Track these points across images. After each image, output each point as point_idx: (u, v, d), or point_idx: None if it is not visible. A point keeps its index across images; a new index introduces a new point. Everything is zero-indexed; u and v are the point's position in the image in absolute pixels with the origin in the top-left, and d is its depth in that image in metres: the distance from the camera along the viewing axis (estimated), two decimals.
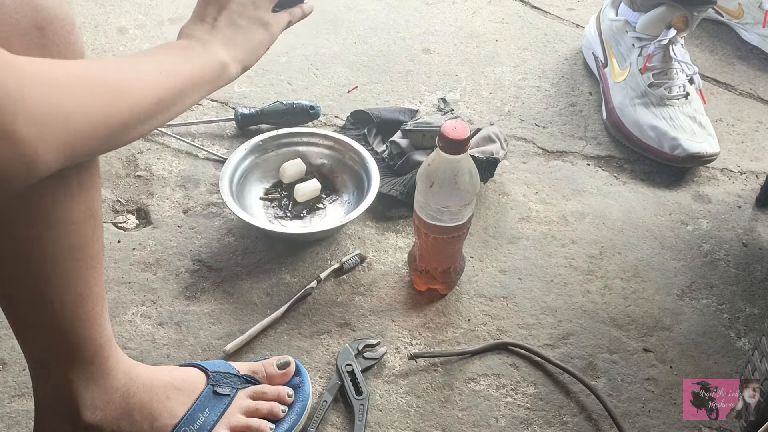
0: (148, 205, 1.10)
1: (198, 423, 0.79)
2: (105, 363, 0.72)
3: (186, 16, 0.73)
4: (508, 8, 1.55)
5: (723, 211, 1.16)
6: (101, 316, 0.71)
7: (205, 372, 0.83)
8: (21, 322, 0.69)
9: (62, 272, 0.65)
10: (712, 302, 1.03)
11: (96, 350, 0.71)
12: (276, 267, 1.03)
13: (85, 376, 0.71)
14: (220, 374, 0.83)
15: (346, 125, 1.22)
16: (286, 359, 0.87)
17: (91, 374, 0.72)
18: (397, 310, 0.99)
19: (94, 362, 0.71)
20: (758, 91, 1.39)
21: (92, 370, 0.72)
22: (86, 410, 0.72)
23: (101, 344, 0.71)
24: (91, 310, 0.69)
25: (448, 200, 0.89)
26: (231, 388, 0.83)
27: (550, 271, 1.05)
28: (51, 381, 0.72)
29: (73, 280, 0.66)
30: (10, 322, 0.69)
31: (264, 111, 1.21)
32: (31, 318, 0.68)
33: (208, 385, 0.82)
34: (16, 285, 0.65)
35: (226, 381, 0.83)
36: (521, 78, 1.38)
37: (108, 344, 0.73)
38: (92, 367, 0.71)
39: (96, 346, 0.71)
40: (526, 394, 0.91)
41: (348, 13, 1.51)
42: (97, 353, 0.71)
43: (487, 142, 1.13)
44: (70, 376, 0.70)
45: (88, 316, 0.69)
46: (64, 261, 0.65)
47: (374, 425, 0.87)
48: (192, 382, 0.81)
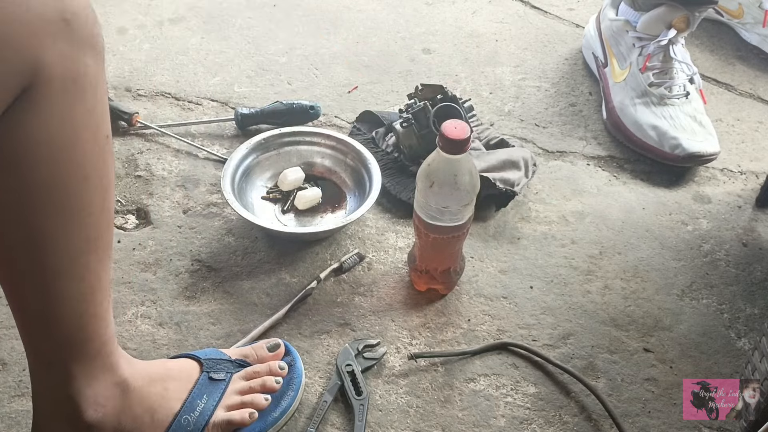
0: (148, 205, 1.10)
1: (198, 410, 0.79)
2: (108, 359, 0.73)
3: (186, 16, 0.73)
4: (508, 8, 1.55)
5: (723, 211, 1.16)
6: (108, 311, 0.71)
7: (198, 360, 0.84)
8: (29, 318, 0.69)
9: (77, 265, 0.66)
10: (712, 302, 1.03)
11: (100, 346, 0.72)
12: (276, 267, 1.03)
13: (88, 372, 0.71)
14: (213, 361, 0.84)
15: (353, 131, 1.20)
16: (276, 341, 0.89)
17: (94, 370, 0.72)
18: (397, 310, 0.99)
19: (98, 358, 0.72)
20: (758, 91, 1.39)
21: (95, 366, 0.72)
22: (88, 408, 0.72)
23: (105, 340, 0.72)
24: (99, 305, 0.69)
25: (448, 200, 0.89)
26: (225, 373, 0.84)
27: (550, 271, 1.05)
28: (53, 381, 0.71)
29: (86, 274, 0.67)
30: (17, 317, 0.69)
31: (264, 111, 1.21)
32: (40, 312, 0.68)
33: (203, 372, 0.83)
34: (30, 279, 0.65)
35: (220, 367, 0.84)
36: (521, 78, 1.38)
37: (111, 340, 0.73)
38: (96, 363, 0.72)
39: (101, 341, 0.71)
40: (526, 394, 0.91)
41: (348, 13, 1.51)
42: (101, 349, 0.72)
43: (512, 167, 1.11)
44: (74, 372, 0.71)
45: (96, 311, 0.69)
46: (80, 254, 0.66)
47: (374, 425, 0.87)
48: (187, 372, 0.82)
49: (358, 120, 1.22)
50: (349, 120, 1.26)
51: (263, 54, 1.37)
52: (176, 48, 1.38)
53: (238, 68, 1.34)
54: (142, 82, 1.30)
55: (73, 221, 0.64)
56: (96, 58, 0.62)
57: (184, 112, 1.26)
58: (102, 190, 0.65)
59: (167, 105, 1.27)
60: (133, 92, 1.29)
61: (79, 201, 0.63)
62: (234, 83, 1.32)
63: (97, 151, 0.64)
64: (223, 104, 1.28)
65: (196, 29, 1.42)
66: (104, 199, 0.66)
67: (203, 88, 1.30)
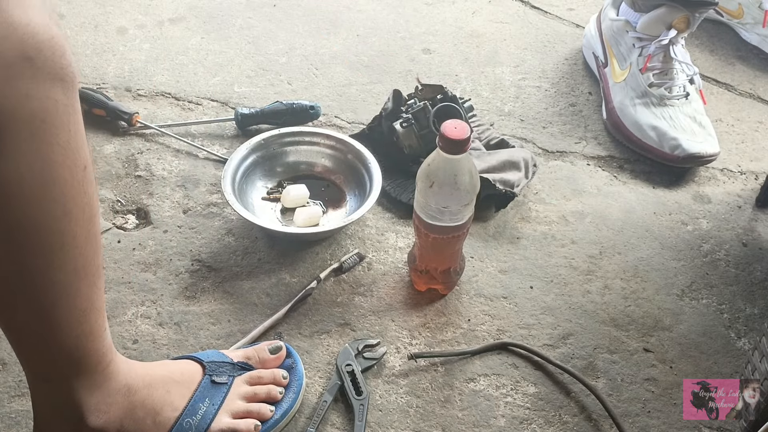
0: (148, 205, 1.10)
1: (200, 413, 0.79)
2: (107, 369, 0.73)
3: (186, 16, 0.73)
4: (508, 8, 1.55)
5: (723, 211, 1.16)
6: (102, 327, 0.71)
7: (200, 363, 0.84)
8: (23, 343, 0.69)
9: (67, 294, 0.65)
10: (712, 302, 1.03)
11: (98, 359, 0.71)
12: (276, 267, 1.03)
13: (89, 384, 0.71)
14: (215, 364, 0.84)
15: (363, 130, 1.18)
16: (278, 344, 0.89)
17: (94, 381, 0.72)
18: (397, 310, 0.99)
19: (97, 370, 0.72)
20: (758, 91, 1.39)
21: (95, 378, 0.72)
22: (90, 415, 0.72)
23: (103, 353, 0.72)
24: (93, 324, 0.69)
25: (448, 200, 0.89)
26: (228, 376, 0.84)
27: (550, 271, 1.05)
28: (54, 393, 0.72)
29: (78, 300, 0.66)
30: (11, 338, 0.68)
31: (264, 111, 1.21)
32: (34, 339, 0.68)
33: (205, 375, 0.82)
34: (23, 309, 0.65)
35: (222, 370, 0.84)
36: (521, 78, 1.38)
37: (109, 351, 0.73)
38: (95, 374, 0.72)
39: (98, 355, 0.71)
40: (526, 394, 0.91)
41: (348, 13, 1.51)
42: (99, 361, 0.72)
43: (512, 168, 1.11)
44: (74, 385, 0.71)
45: (91, 330, 0.69)
46: (69, 284, 0.65)
47: (374, 425, 0.87)
48: (189, 374, 0.82)
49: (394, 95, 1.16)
50: (349, 120, 1.26)
51: (263, 54, 1.37)
52: (176, 48, 1.38)
53: (238, 68, 1.34)
54: (142, 82, 1.30)
55: (58, 256, 0.63)
56: (66, 90, 0.58)
57: (184, 112, 1.26)
58: (85, 221, 0.63)
59: (167, 105, 1.27)
60: (133, 92, 1.29)
61: (61, 237, 0.62)
62: (234, 83, 1.32)
63: (76, 185, 0.61)
64: (223, 104, 1.28)
65: (196, 29, 1.42)
66: (88, 229, 0.64)
67: (203, 88, 1.30)
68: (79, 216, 0.63)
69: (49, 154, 0.58)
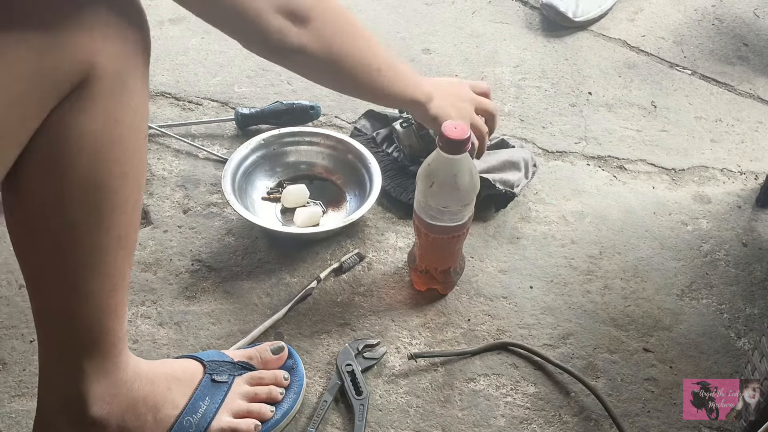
0: (148, 205, 1.10)
1: (200, 411, 0.80)
2: (118, 357, 0.73)
3: (186, 16, 0.74)
4: (508, 8, 1.55)
5: (723, 211, 1.16)
6: (124, 309, 0.72)
7: (201, 362, 0.84)
8: (48, 307, 0.69)
9: (104, 262, 0.67)
10: (712, 302, 1.03)
11: (113, 343, 0.72)
12: (276, 267, 1.03)
13: (98, 369, 0.72)
14: (216, 363, 0.84)
15: (353, 132, 1.20)
16: (279, 344, 0.89)
17: (104, 367, 0.72)
18: (397, 310, 0.99)
19: (110, 355, 0.72)
20: (758, 91, 1.39)
21: (105, 363, 0.72)
22: (94, 404, 0.73)
23: (120, 337, 0.72)
24: (119, 302, 0.70)
25: (448, 200, 0.89)
26: (228, 375, 0.84)
27: (550, 271, 1.05)
28: (63, 374, 0.72)
29: (112, 270, 0.68)
30: (35, 305, 0.69)
31: (264, 111, 1.21)
32: (61, 307, 0.68)
33: (206, 374, 0.83)
34: (55, 271, 0.66)
35: (222, 369, 0.84)
36: (521, 78, 1.38)
37: (123, 339, 0.74)
38: (106, 359, 0.72)
39: (115, 338, 0.72)
40: (526, 394, 0.91)
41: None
42: (113, 346, 0.72)
43: (512, 168, 1.11)
44: (84, 367, 0.71)
45: (116, 307, 0.70)
46: (109, 251, 0.66)
47: (374, 425, 0.87)
48: (190, 373, 0.82)
49: (362, 118, 1.22)
50: (349, 120, 1.26)
51: None
52: (176, 48, 1.38)
53: (238, 68, 1.34)
54: None
55: (107, 218, 0.65)
56: (146, 60, 0.64)
57: (184, 112, 1.26)
58: (138, 188, 0.67)
59: (167, 105, 1.27)
60: None
61: (115, 198, 0.64)
62: (234, 83, 1.32)
63: (137, 149, 0.65)
64: (223, 104, 1.28)
65: (196, 29, 1.42)
66: (137, 197, 0.67)
67: (203, 88, 1.31)
68: (133, 181, 0.65)
69: (122, 114, 0.62)
